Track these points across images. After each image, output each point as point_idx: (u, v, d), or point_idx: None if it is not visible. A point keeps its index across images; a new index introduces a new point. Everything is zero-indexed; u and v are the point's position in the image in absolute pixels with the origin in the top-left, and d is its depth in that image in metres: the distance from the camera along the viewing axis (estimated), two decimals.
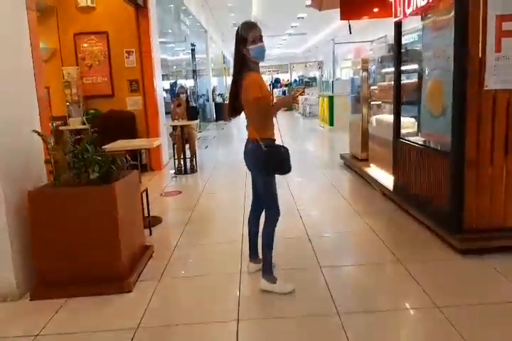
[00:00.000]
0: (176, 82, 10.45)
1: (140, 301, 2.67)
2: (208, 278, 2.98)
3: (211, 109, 15.49)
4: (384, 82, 5.42)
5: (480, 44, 3.03)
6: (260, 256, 2.86)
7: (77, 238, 2.76)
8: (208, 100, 15.17)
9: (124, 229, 2.86)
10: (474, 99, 3.11)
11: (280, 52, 29.39)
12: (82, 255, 2.77)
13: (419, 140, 4.03)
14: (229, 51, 27.93)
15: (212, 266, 3.19)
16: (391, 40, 8.86)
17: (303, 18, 16.20)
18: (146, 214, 3.84)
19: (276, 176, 2.72)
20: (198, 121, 6.70)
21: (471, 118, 3.14)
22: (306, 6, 13.62)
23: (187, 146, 6.76)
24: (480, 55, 3.04)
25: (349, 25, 6.58)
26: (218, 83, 19.50)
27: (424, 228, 3.68)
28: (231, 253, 3.35)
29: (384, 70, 5.41)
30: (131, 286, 2.82)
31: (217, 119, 15.66)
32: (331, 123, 11.27)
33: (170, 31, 10.62)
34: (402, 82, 4.20)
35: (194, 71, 12.45)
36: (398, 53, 4.15)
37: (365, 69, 5.87)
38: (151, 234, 3.85)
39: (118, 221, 2.76)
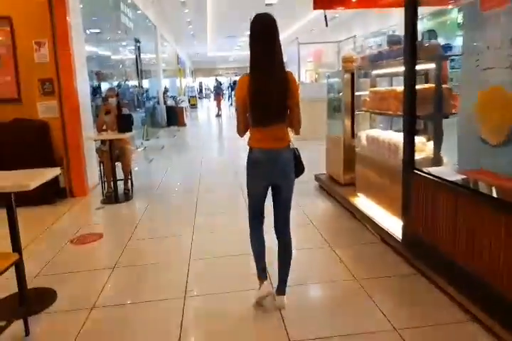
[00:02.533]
0: (119, 84, 8.94)
1: None
2: None
3: (162, 113, 13.87)
4: (375, 87, 4.16)
5: None
6: None
7: None
8: (158, 103, 13.54)
9: None
10: None
11: (239, 54, 28.09)
12: None
13: (452, 175, 2.67)
14: (184, 51, 26.30)
15: None
16: (360, 40, 7.70)
17: None
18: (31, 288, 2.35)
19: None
20: (132, 133, 5.17)
21: None
22: (266, 4, 12.46)
23: (119, 165, 5.23)
24: None
25: (325, 16, 5.32)
26: (171, 85, 17.86)
27: (473, 322, 2.26)
28: None
29: (375, 72, 4.14)
30: None
31: (169, 124, 14.05)
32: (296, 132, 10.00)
33: (108, 24, 9.02)
34: (417, 87, 2.90)
35: (141, 71, 10.83)
36: (412, 47, 2.85)
37: (348, 70, 4.55)
38: (27, 333, 2.29)
39: None
